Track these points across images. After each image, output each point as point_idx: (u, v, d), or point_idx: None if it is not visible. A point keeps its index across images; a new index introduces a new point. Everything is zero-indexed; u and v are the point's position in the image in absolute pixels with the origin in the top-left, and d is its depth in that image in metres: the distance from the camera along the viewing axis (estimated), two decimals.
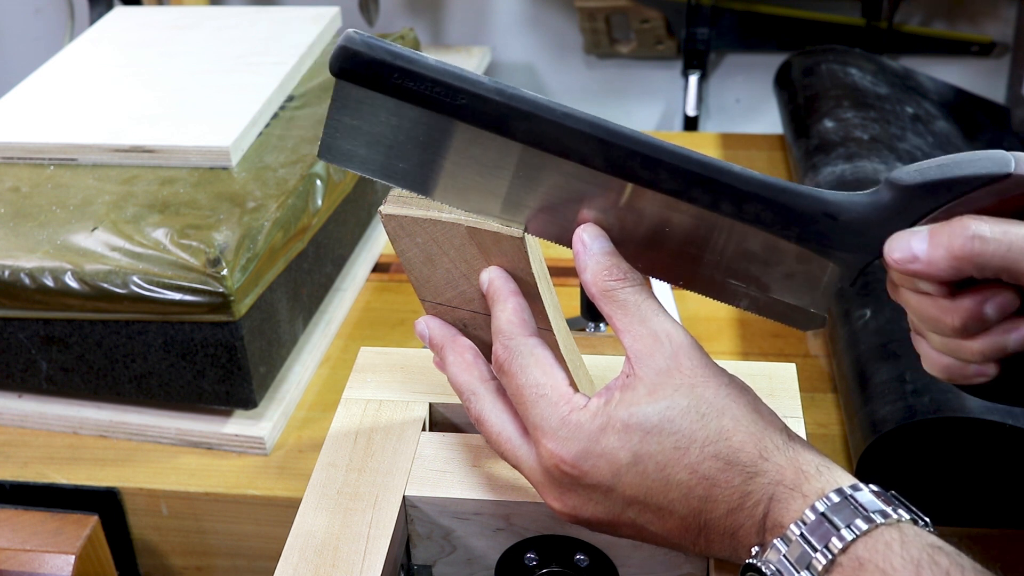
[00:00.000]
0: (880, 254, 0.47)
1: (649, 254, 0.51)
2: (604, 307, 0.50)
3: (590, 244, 0.50)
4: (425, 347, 0.58)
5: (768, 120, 1.53)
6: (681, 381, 0.48)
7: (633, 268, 0.50)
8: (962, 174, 0.45)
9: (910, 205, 0.46)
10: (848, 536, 0.43)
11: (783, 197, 0.48)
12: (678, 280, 0.52)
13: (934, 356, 0.48)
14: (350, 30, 0.48)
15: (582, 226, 0.50)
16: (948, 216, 0.45)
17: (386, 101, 0.48)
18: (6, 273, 0.76)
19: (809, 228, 0.48)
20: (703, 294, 0.52)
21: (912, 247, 0.45)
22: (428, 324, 0.57)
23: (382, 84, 0.48)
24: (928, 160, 0.46)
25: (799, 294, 0.51)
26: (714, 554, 0.49)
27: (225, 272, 0.74)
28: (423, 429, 0.62)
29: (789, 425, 0.49)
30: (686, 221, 0.49)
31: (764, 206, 0.48)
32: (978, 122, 1.18)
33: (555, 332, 0.55)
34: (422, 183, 0.51)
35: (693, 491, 0.47)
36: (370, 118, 0.49)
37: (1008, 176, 0.44)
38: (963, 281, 0.45)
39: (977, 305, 0.45)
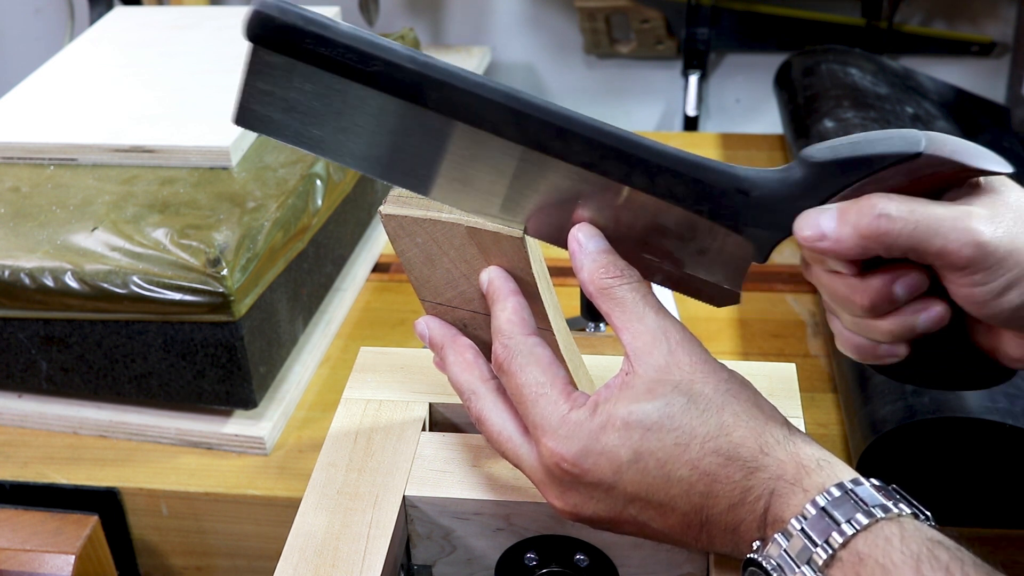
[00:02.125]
0: (791, 231, 0.47)
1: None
2: (602, 305, 0.50)
3: (585, 243, 0.50)
4: (425, 347, 0.58)
5: (768, 120, 1.53)
6: (680, 377, 0.48)
7: (630, 265, 0.50)
8: (873, 152, 0.45)
9: (821, 182, 0.46)
10: (848, 531, 0.43)
11: (696, 172, 0.48)
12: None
13: (846, 335, 0.49)
14: None
15: (577, 225, 0.51)
16: (858, 194, 0.45)
17: (300, 67, 0.48)
18: (6, 273, 0.76)
19: (721, 204, 0.48)
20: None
21: (820, 225, 0.45)
22: (428, 324, 0.57)
23: (296, 49, 0.47)
24: (840, 138, 0.46)
25: (713, 270, 0.51)
26: (716, 549, 0.49)
27: (225, 272, 0.74)
28: (423, 429, 0.62)
29: (789, 422, 0.49)
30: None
31: (676, 180, 0.48)
32: (978, 122, 1.18)
33: (555, 332, 0.55)
34: (316, 143, 0.50)
35: (694, 487, 0.47)
36: (284, 84, 0.48)
37: (919, 155, 0.44)
38: (873, 261, 0.45)
39: (886, 284, 0.45)
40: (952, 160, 0.45)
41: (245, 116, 0.50)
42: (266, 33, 0.47)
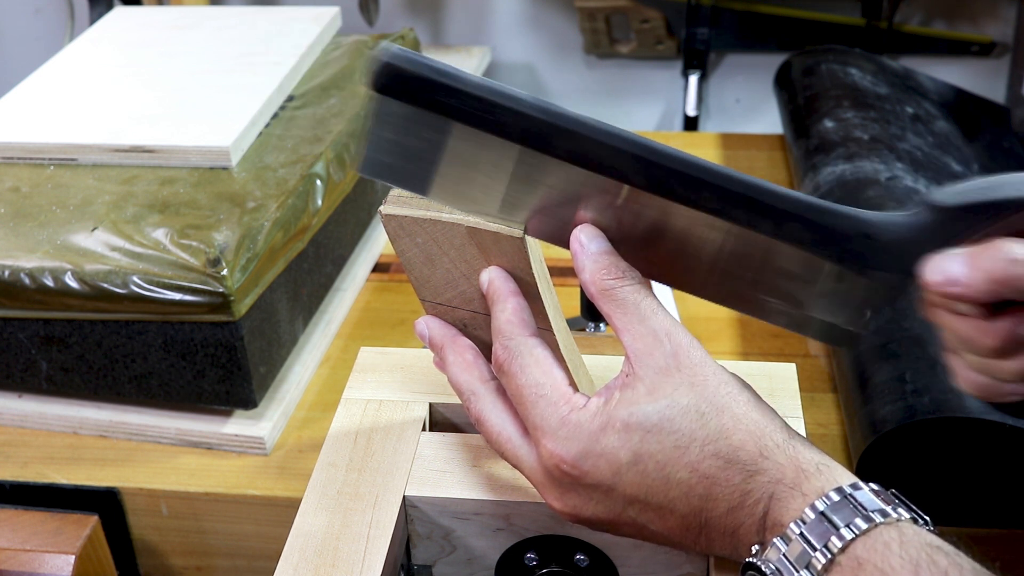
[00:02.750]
0: (917, 274, 0.47)
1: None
2: (603, 306, 0.50)
3: (587, 244, 0.50)
4: (425, 347, 0.58)
5: (768, 120, 1.53)
6: (681, 380, 0.48)
7: (632, 267, 0.50)
8: (1003, 197, 0.45)
9: (948, 226, 0.46)
10: (847, 535, 0.43)
11: (822, 217, 0.48)
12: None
13: (969, 375, 0.49)
14: (384, 43, 0.48)
15: (579, 226, 0.50)
16: (985, 238, 0.45)
17: (427, 116, 0.48)
18: (6, 273, 0.76)
19: (847, 248, 0.48)
20: (721, 303, 0.52)
21: (951, 270, 0.45)
22: (428, 324, 0.57)
23: (426, 100, 0.48)
24: (967, 182, 0.46)
25: (835, 312, 0.51)
26: (715, 552, 0.49)
27: (225, 272, 0.74)
28: (423, 429, 0.62)
29: (789, 425, 0.49)
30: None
31: (803, 226, 0.48)
32: (978, 122, 1.18)
33: (555, 332, 0.55)
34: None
35: (693, 490, 0.47)
36: (411, 133, 0.49)
37: None
38: (999, 303, 0.45)
39: (1014, 327, 0.45)
40: None
41: (371, 165, 0.50)
42: (397, 84, 0.48)
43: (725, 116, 1.68)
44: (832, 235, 0.48)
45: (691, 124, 1.58)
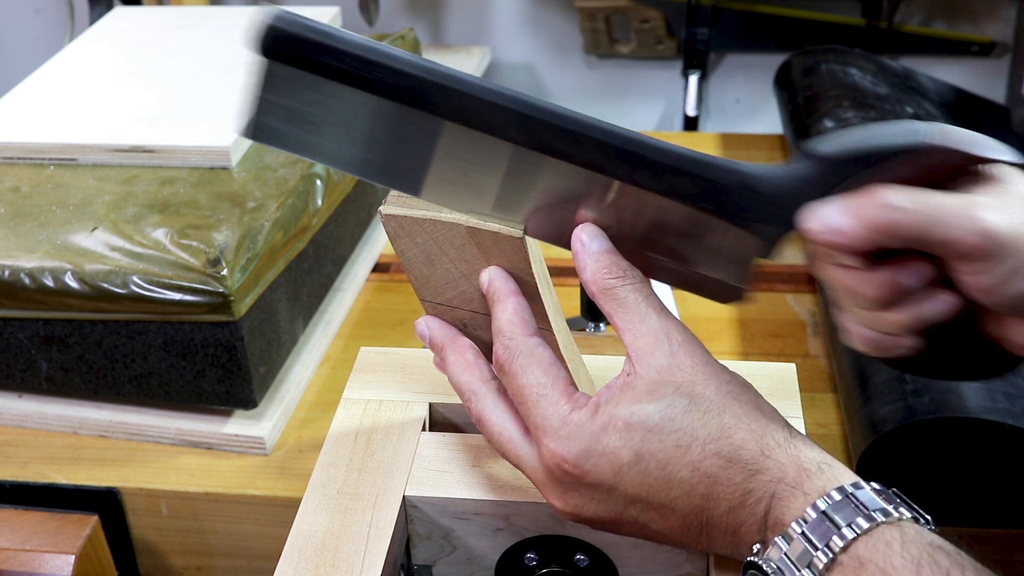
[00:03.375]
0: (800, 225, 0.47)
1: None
2: (604, 305, 0.50)
3: (589, 243, 0.50)
4: (425, 347, 0.58)
5: (768, 120, 1.53)
6: (682, 379, 0.48)
7: (632, 266, 0.50)
8: (878, 144, 0.45)
9: (827, 176, 0.46)
10: (849, 535, 0.43)
11: (701, 169, 0.48)
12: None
13: (856, 329, 0.49)
14: (273, 8, 0.48)
15: (580, 226, 0.50)
16: (863, 187, 0.45)
17: (310, 78, 0.48)
18: (6, 273, 0.76)
19: (727, 200, 0.48)
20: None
21: (826, 218, 0.45)
22: (428, 324, 0.57)
23: (311, 62, 0.47)
24: (845, 132, 0.47)
25: (718, 267, 0.51)
26: (716, 551, 0.49)
27: (225, 272, 0.74)
28: (423, 429, 0.62)
29: (790, 424, 0.49)
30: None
31: (682, 178, 0.48)
32: (978, 122, 1.18)
33: (555, 332, 0.55)
34: (322, 152, 0.50)
35: (695, 489, 0.47)
36: (295, 95, 0.49)
37: (923, 146, 0.45)
38: (880, 253, 0.45)
39: (894, 275, 0.45)
40: (957, 150, 0.45)
41: (255, 129, 0.50)
42: (279, 46, 0.47)
43: (725, 116, 1.68)
44: (712, 188, 0.48)
45: (691, 124, 1.58)
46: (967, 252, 0.44)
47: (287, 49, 0.47)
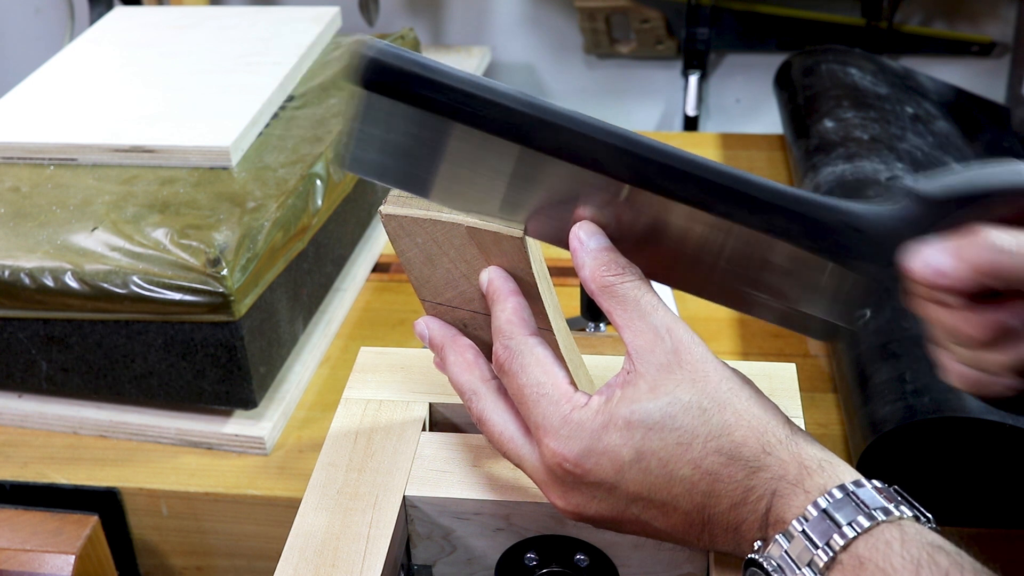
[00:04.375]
0: (902, 266, 0.47)
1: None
2: (603, 303, 0.50)
3: (587, 241, 0.50)
4: (425, 347, 0.58)
5: (768, 120, 1.53)
6: (682, 376, 0.48)
7: (631, 263, 0.50)
8: (987, 186, 0.45)
9: (934, 217, 0.46)
10: (849, 533, 0.43)
11: (808, 209, 0.48)
12: (682, 284, 0.52)
13: (956, 368, 0.48)
14: (367, 39, 0.48)
15: (578, 223, 0.50)
16: (967, 226, 0.45)
17: (411, 112, 0.48)
18: (6, 273, 0.76)
19: (834, 240, 0.48)
20: (720, 303, 0.52)
21: (935, 261, 0.45)
22: (428, 324, 0.57)
23: (410, 95, 0.48)
24: (949, 172, 0.46)
25: (821, 305, 0.51)
26: (717, 548, 0.49)
27: (225, 272, 0.74)
28: (423, 429, 0.62)
29: (792, 421, 0.49)
30: (694, 224, 0.49)
31: (789, 218, 0.48)
32: (978, 122, 1.18)
33: (555, 332, 0.55)
34: (421, 184, 0.51)
35: (696, 486, 0.47)
36: (394, 128, 0.49)
37: None
38: (984, 293, 0.45)
39: (997, 315, 0.45)
40: None
41: (353, 160, 0.50)
42: (383, 79, 0.47)
43: (725, 116, 1.68)
44: (818, 228, 0.48)
45: (691, 124, 1.58)
46: None
47: (388, 81, 0.47)
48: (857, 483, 0.45)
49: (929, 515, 0.45)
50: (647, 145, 0.48)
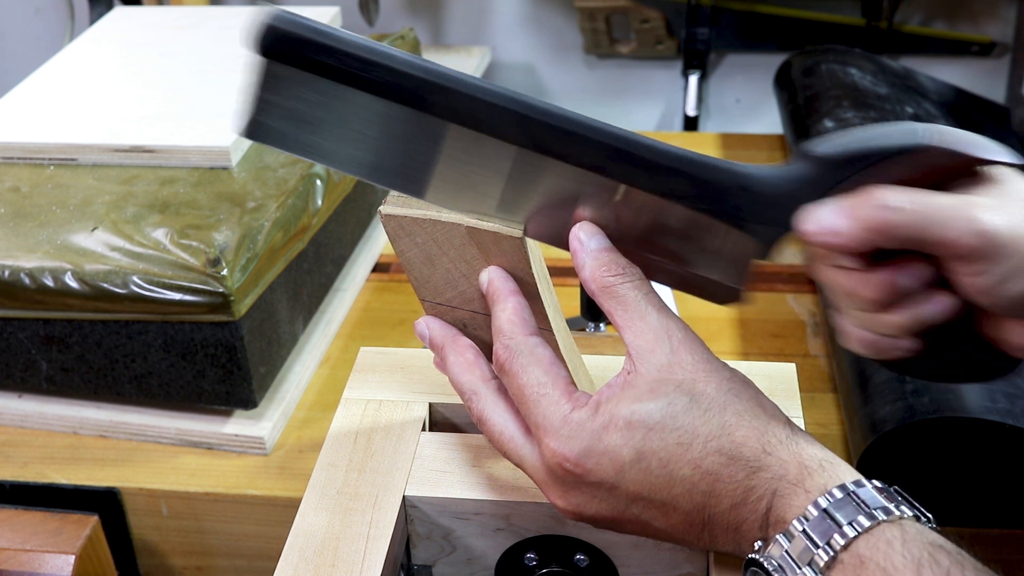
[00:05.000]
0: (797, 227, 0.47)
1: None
2: (604, 303, 0.50)
3: (587, 241, 0.50)
4: (425, 347, 0.58)
5: (768, 120, 1.53)
6: (683, 377, 0.48)
7: (632, 263, 0.50)
8: (875, 145, 0.45)
9: (824, 177, 0.46)
10: (850, 533, 0.43)
11: (698, 170, 0.48)
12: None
13: (854, 331, 0.49)
14: (271, 8, 0.48)
15: (578, 224, 0.50)
16: (861, 188, 0.45)
17: (310, 78, 0.48)
18: (6, 273, 0.76)
19: (724, 201, 0.48)
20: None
21: (823, 218, 0.45)
22: (428, 324, 0.57)
23: (308, 61, 0.47)
24: (843, 133, 0.46)
25: (716, 268, 0.51)
26: (718, 548, 0.49)
27: (225, 272, 0.74)
28: (423, 429, 0.62)
29: (792, 421, 0.49)
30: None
31: (679, 179, 0.48)
32: (978, 122, 1.18)
33: (555, 332, 0.55)
34: (319, 152, 0.50)
35: (697, 486, 0.47)
36: (294, 95, 0.49)
37: (921, 147, 0.44)
38: (878, 254, 0.45)
39: (892, 276, 0.45)
40: (955, 151, 0.45)
41: (254, 128, 0.50)
42: (278, 46, 0.47)
43: (725, 116, 1.68)
44: (710, 189, 0.48)
45: (691, 124, 1.58)
46: (964, 253, 0.44)
47: (286, 49, 0.48)
48: (857, 483, 0.45)
49: (929, 515, 0.45)
50: (540, 108, 0.47)
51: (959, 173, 0.46)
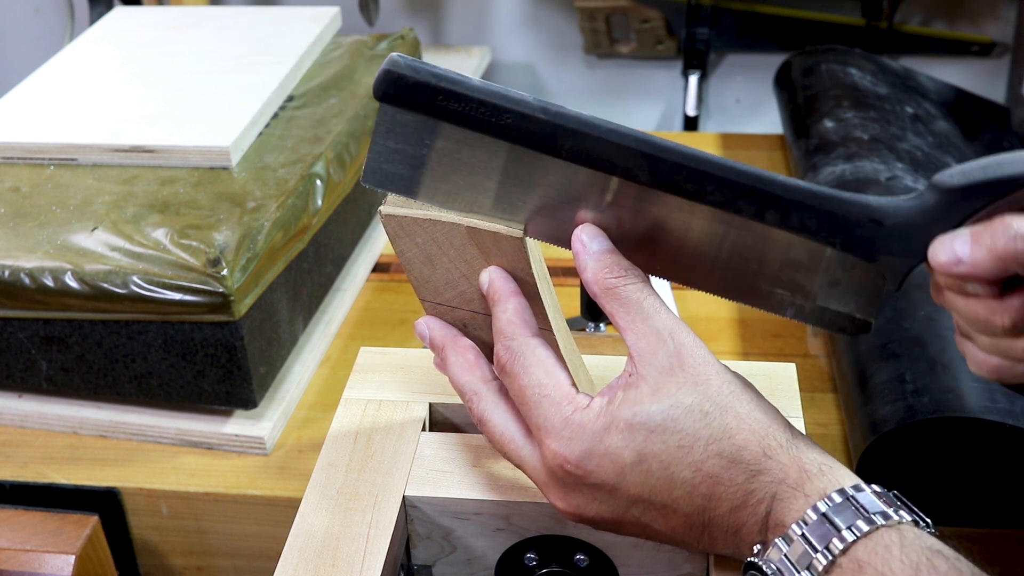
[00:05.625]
0: (925, 257, 0.47)
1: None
2: (606, 305, 0.50)
3: (589, 243, 0.50)
4: (425, 347, 0.58)
5: (768, 120, 1.53)
6: (684, 379, 0.48)
7: (634, 265, 0.50)
8: (1005, 174, 0.45)
9: (954, 207, 0.46)
10: (849, 537, 0.43)
11: (828, 204, 0.48)
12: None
13: (982, 357, 0.48)
14: (394, 54, 0.49)
15: (580, 226, 0.51)
16: (991, 216, 0.45)
17: (430, 123, 0.49)
18: (6, 273, 0.76)
19: (854, 234, 0.48)
20: (743, 302, 0.52)
21: (955, 249, 0.45)
22: (428, 324, 0.57)
23: (427, 106, 0.48)
24: (971, 162, 0.46)
25: (845, 301, 0.51)
26: (717, 551, 0.49)
27: (225, 272, 0.74)
28: (423, 429, 0.62)
29: (792, 424, 0.49)
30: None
31: (809, 214, 0.48)
32: (978, 122, 1.18)
33: (555, 332, 0.55)
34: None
35: (697, 489, 0.47)
36: (414, 141, 0.49)
37: None
38: (1009, 280, 0.45)
39: None
40: None
41: (374, 175, 0.51)
42: (399, 92, 0.48)
43: (725, 116, 1.68)
44: (839, 222, 0.48)
45: (691, 124, 1.58)
46: None
47: (407, 94, 0.48)
48: (857, 487, 0.45)
49: (928, 520, 0.45)
50: (666, 148, 0.48)
51: None
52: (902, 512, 0.44)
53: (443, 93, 0.48)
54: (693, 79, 1.56)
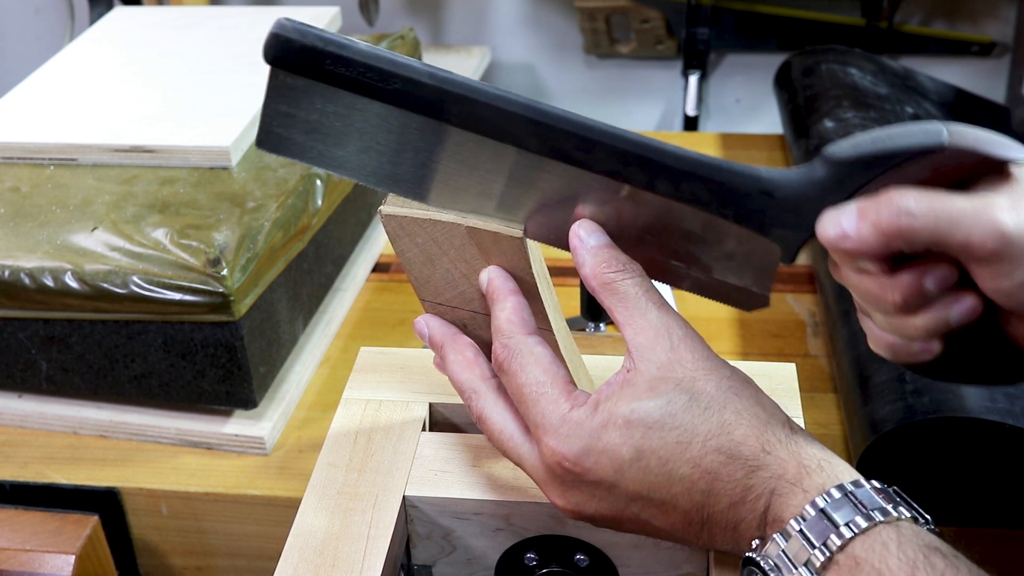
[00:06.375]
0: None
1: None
2: (604, 300, 0.50)
3: (587, 238, 0.50)
4: (425, 347, 0.58)
5: (768, 120, 1.53)
6: (683, 375, 0.48)
7: (632, 260, 0.50)
8: (894, 146, 0.44)
9: (844, 179, 0.45)
10: (846, 534, 0.43)
11: (718, 175, 0.47)
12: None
13: (879, 334, 0.48)
14: (281, 17, 0.49)
15: (578, 222, 0.50)
16: (880, 189, 0.44)
17: (320, 88, 0.48)
18: (6, 273, 0.76)
19: (746, 206, 0.48)
20: (661, 281, 0.52)
21: (842, 223, 0.44)
22: (428, 323, 0.57)
23: (315, 71, 0.48)
24: (863, 134, 0.46)
25: (741, 274, 0.50)
26: (716, 547, 0.49)
27: (225, 272, 0.74)
28: (423, 429, 0.62)
29: (792, 420, 0.49)
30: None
31: (700, 185, 0.48)
32: (978, 122, 1.18)
33: (555, 332, 0.55)
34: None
35: (696, 485, 0.47)
36: (306, 105, 0.49)
37: (941, 148, 0.44)
38: (901, 256, 0.45)
39: (915, 279, 0.45)
40: (975, 151, 0.44)
41: (268, 139, 0.50)
42: (286, 55, 0.48)
43: (725, 116, 1.68)
44: (729, 193, 0.48)
45: (691, 124, 1.58)
46: (985, 256, 0.43)
47: (294, 58, 0.48)
48: (856, 483, 0.45)
49: (927, 516, 0.45)
50: (554, 114, 0.47)
51: (981, 172, 0.45)
52: (901, 508, 0.44)
53: (330, 57, 0.47)
54: (693, 79, 1.56)
